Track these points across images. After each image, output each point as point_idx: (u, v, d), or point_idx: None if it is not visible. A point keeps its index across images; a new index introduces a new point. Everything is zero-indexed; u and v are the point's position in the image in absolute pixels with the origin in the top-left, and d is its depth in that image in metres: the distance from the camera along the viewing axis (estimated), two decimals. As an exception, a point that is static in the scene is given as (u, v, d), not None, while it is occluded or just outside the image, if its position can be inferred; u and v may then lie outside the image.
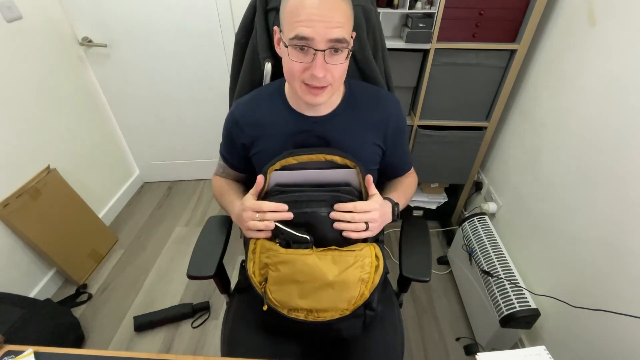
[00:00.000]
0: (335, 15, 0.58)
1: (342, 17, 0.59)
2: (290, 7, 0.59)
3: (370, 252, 0.68)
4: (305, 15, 0.58)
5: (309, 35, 0.58)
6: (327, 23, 0.58)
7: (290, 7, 0.59)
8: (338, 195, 0.68)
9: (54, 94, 1.59)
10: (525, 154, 1.34)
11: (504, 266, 1.26)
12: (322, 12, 0.57)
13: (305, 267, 0.66)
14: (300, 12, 0.58)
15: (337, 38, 0.59)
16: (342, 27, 0.59)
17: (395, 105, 0.79)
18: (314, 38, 0.58)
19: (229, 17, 1.67)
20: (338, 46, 0.60)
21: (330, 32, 0.58)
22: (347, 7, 0.60)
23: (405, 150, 0.88)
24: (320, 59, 0.60)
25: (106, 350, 0.84)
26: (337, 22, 0.58)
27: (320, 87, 0.64)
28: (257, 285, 0.69)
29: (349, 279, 0.66)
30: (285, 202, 0.67)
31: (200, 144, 2.13)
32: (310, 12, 0.57)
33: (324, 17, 0.57)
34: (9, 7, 1.34)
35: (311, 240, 0.67)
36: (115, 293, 1.60)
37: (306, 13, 0.57)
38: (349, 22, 0.62)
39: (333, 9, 0.58)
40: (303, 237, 0.67)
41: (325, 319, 0.68)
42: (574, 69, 1.09)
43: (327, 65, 0.61)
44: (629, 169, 0.87)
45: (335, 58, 0.62)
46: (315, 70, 0.61)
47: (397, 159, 0.86)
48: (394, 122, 0.78)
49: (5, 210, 1.31)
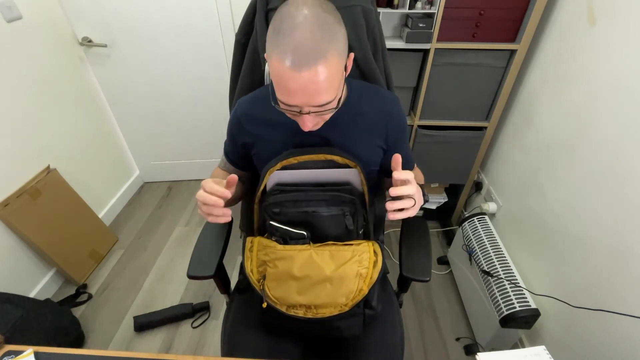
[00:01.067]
0: (318, 87, 0.54)
1: (327, 82, 0.55)
2: (274, 69, 0.55)
3: (368, 247, 0.69)
4: (287, 88, 0.55)
5: (294, 104, 0.57)
6: (310, 95, 0.55)
7: (274, 71, 0.55)
8: (339, 194, 0.68)
9: (54, 94, 1.59)
10: (525, 153, 1.35)
11: (504, 266, 1.26)
12: (303, 86, 0.54)
13: (302, 262, 0.66)
14: (282, 82, 0.55)
15: (323, 104, 0.57)
16: (328, 91, 0.56)
17: (394, 104, 0.79)
18: (299, 105, 0.57)
19: (229, 17, 1.67)
20: (325, 108, 0.59)
21: (315, 101, 0.56)
22: (332, 63, 0.54)
23: (407, 148, 0.87)
24: (308, 118, 0.60)
25: (106, 350, 0.84)
26: (321, 90, 0.55)
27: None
28: (255, 283, 0.70)
29: (346, 274, 0.67)
30: (285, 201, 0.67)
31: (200, 144, 2.13)
32: (291, 86, 0.54)
33: (307, 91, 0.54)
34: (9, 7, 1.34)
35: (308, 236, 0.68)
36: (115, 293, 1.60)
37: (288, 86, 0.54)
38: (336, 79, 0.57)
39: (315, 81, 0.53)
40: (299, 233, 0.68)
41: (324, 315, 0.68)
42: (574, 68, 1.09)
43: (316, 118, 0.61)
44: (629, 168, 0.87)
45: (324, 112, 0.60)
46: (303, 125, 0.61)
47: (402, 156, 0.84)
48: (394, 120, 0.78)
49: (5, 210, 1.31)
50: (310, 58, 0.51)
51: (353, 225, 0.70)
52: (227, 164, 0.89)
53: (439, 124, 1.50)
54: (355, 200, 0.69)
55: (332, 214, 0.69)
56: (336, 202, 0.68)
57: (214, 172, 0.92)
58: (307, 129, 0.61)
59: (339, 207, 0.68)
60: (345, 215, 0.69)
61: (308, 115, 0.59)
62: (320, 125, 0.67)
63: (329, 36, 0.53)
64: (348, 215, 0.69)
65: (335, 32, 0.54)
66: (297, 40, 0.51)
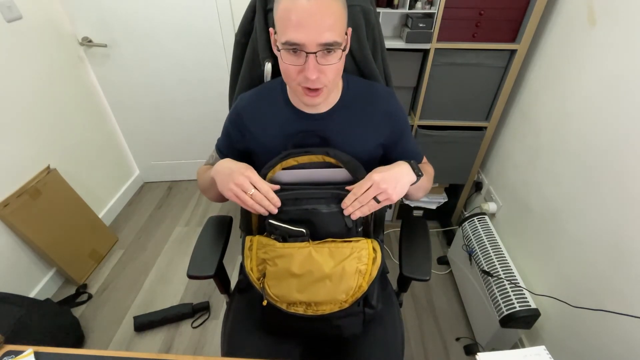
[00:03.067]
0: (325, 19, 0.57)
1: (332, 18, 0.58)
2: (280, 11, 0.59)
3: (367, 244, 0.69)
4: (294, 20, 0.57)
5: (299, 41, 0.58)
6: (316, 27, 0.57)
7: (281, 12, 0.59)
8: (338, 192, 0.69)
9: (54, 94, 1.59)
10: (525, 153, 1.34)
11: (504, 266, 1.26)
12: (311, 15, 0.56)
13: (302, 260, 0.67)
14: (289, 16, 0.57)
15: (328, 42, 0.58)
16: (333, 29, 0.58)
17: (389, 98, 0.78)
18: (304, 43, 0.58)
19: (229, 17, 1.67)
20: (330, 48, 0.60)
21: (320, 36, 0.58)
22: (338, 6, 0.59)
23: (410, 140, 0.85)
24: (313, 62, 0.60)
25: (106, 350, 0.84)
26: (327, 25, 0.58)
27: (316, 89, 0.64)
28: (255, 281, 0.70)
29: (345, 270, 0.67)
30: (286, 199, 0.68)
31: (200, 144, 2.13)
32: (299, 17, 0.56)
33: (313, 21, 0.57)
34: (9, 7, 1.34)
35: (307, 234, 0.68)
36: (115, 293, 1.60)
37: (295, 17, 0.57)
38: (340, 22, 0.60)
39: (322, 11, 0.57)
40: (298, 230, 0.68)
41: (324, 312, 0.69)
42: (574, 68, 1.09)
43: (320, 66, 0.61)
44: (629, 168, 0.87)
45: (328, 58, 0.61)
46: (307, 72, 0.61)
47: (402, 150, 0.82)
48: (392, 114, 0.77)
49: (5, 210, 1.32)
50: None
51: (352, 223, 0.70)
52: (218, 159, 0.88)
53: (439, 124, 1.50)
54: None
55: (332, 212, 0.69)
56: (336, 199, 0.69)
57: (200, 168, 0.89)
58: (313, 75, 0.61)
59: (338, 204, 0.69)
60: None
61: (313, 58, 0.60)
62: (322, 94, 0.66)
63: None
64: None
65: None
66: None
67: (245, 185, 0.65)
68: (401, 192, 0.68)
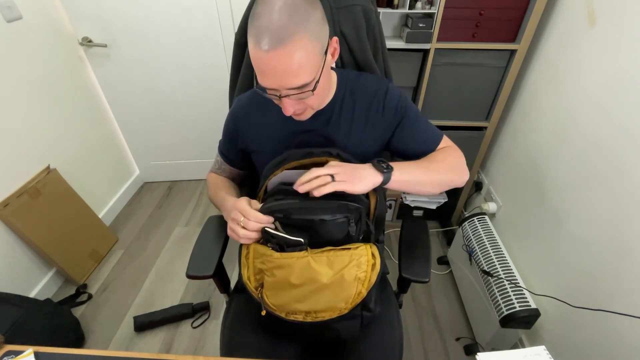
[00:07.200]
0: (288, 67, 0.55)
1: (297, 65, 0.55)
2: (249, 51, 0.57)
3: (366, 250, 0.67)
4: (260, 69, 0.56)
5: (269, 86, 0.58)
6: (282, 76, 0.56)
7: (250, 52, 0.57)
8: (345, 203, 0.65)
9: (54, 94, 1.59)
10: (525, 153, 1.34)
11: (504, 266, 1.26)
12: (274, 67, 0.55)
13: (300, 270, 0.65)
14: (256, 63, 0.57)
15: (296, 86, 0.58)
16: (298, 75, 0.56)
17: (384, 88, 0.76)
18: (274, 88, 0.58)
19: (229, 17, 1.67)
20: (302, 91, 0.59)
21: (287, 82, 0.57)
22: (302, 49, 0.54)
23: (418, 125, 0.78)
24: (287, 101, 0.60)
25: (106, 350, 0.84)
26: (292, 72, 0.55)
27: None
28: (253, 291, 0.69)
29: (345, 279, 0.65)
30: (290, 208, 0.65)
31: (200, 144, 2.13)
32: (262, 67, 0.56)
33: (278, 72, 0.55)
34: (9, 7, 1.34)
35: (305, 243, 0.65)
36: (115, 293, 1.60)
37: (260, 67, 0.56)
38: (309, 63, 0.57)
39: (284, 62, 0.54)
40: (296, 240, 0.65)
41: (324, 318, 0.68)
42: (574, 68, 1.08)
43: (296, 101, 0.62)
44: (629, 168, 0.87)
45: (302, 95, 0.60)
46: (284, 110, 0.61)
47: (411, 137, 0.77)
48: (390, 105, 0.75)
49: (5, 210, 1.31)
50: (277, 39, 0.53)
51: (355, 232, 0.69)
52: (223, 164, 0.88)
53: (439, 124, 1.48)
54: (361, 208, 0.67)
55: (337, 222, 0.66)
56: (342, 210, 0.66)
57: (210, 179, 0.90)
58: (288, 113, 0.62)
59: (344, 214, 0.66)
60: (350, 223, 0.67)
61: (287, 99, 0.60)
62: (308, 113, 0.67)
63: (297, 18, 0.53)
64: (352, 222, 0.67)
65: (307, 15, 0.55)
66: (265, 22, 0.53)
67: (237, 217, 0.66)
68: (353, 180, 0.63)
